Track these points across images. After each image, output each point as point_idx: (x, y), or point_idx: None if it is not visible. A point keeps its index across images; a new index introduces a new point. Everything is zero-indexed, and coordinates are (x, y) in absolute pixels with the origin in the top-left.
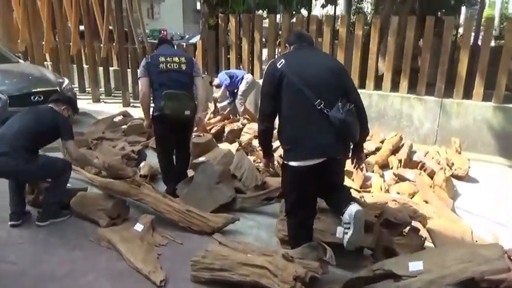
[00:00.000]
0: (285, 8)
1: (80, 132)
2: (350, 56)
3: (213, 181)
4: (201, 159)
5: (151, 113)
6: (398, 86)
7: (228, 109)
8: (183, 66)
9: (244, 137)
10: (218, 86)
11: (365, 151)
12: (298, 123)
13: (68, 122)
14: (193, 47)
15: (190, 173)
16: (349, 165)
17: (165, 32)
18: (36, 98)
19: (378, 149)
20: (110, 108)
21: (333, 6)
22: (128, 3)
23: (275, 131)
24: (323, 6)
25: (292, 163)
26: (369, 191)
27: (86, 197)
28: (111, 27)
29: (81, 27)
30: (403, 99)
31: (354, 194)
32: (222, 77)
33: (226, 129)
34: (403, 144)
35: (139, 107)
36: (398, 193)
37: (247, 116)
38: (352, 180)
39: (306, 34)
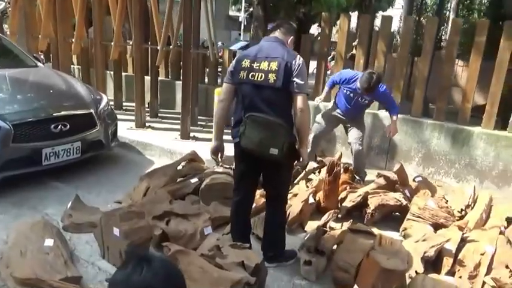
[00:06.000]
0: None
1: (139, 211)
2: None
3: None
4: None
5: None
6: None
7: None
8: (271, 78)
9: (418, 229)
10: None
11: None
12: None
13: None
14: None
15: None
16: None
17: None
18: (59, 127)
19: None
20: (160, 137)
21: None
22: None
23: None
24: None
25: None
26: None
27: None
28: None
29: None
30: None
31: None
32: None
33: (372, 203)
34: None
35: (202, 139)
36: None
37: (392, 177)
38: None
39: None
